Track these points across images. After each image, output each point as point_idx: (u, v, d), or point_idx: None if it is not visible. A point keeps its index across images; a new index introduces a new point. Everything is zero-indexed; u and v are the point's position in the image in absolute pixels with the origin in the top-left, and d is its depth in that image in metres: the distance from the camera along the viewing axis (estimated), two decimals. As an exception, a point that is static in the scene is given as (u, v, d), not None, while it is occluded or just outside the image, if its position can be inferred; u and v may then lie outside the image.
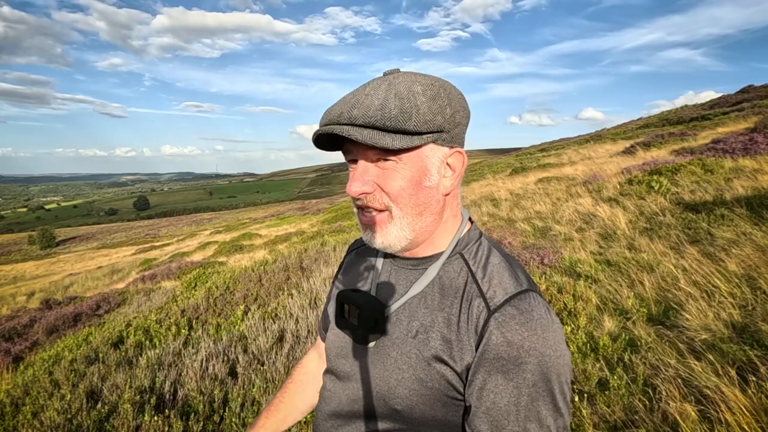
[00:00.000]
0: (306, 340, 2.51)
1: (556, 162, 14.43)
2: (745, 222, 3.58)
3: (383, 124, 0.54)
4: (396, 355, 0.61)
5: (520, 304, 0.55)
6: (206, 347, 2.55)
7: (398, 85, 0.56)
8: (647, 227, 4.41)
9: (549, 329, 0.54)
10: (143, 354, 2.69)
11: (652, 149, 10.99)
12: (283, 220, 22.34)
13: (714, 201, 4.57)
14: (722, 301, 2.39)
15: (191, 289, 4.96)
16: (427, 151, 0.58)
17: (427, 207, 0.60)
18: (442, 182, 0.60)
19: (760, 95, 18.20)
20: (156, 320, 3.56)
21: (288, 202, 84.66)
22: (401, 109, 0.54)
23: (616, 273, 3.32)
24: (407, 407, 0.59)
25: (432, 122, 0.55)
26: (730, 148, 7.27)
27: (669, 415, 1.57)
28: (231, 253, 11.10)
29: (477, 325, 0.56)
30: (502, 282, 0.58)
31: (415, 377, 0.59)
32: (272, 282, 4.06)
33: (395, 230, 0.60)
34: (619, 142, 16.02)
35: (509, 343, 0.53)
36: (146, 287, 8.40)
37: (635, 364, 1.97)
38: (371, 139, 0.54)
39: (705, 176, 5.78)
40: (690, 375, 1.78)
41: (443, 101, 0.57)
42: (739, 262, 2.86)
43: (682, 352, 1.98)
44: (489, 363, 0.54)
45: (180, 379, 2.18)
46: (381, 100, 0.54)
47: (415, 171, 0.58)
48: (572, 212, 6.15)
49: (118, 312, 6.08)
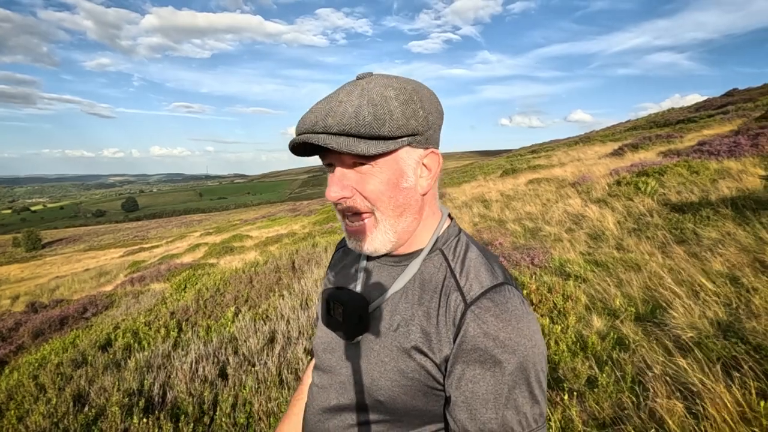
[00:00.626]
0: (297, 341, 2.50)
1: (546, 163, 14.57)
2: (729, 222, 3.65)
3: (358, 131, 0.55)
4: (378, 348, 0.64)
5: (495, 297, 0.57)
6: (196, 349, 2.53)
7: (371, 91, 0.57)
8: (635, 228, 4.47)
9: (524, 320, 0.56)
10: (132, 357, 2.66)
11: (639, 151, 11.15)
12: (275, 222, 22.22)
13: (700, 202, 4.65)
14: (708, 300, 2.44)
15: (181, 290, 4.91)
16: (403, 154, 0.60)
17: (406, 208, 0.62)
18: (419, 183, 0.62)
19: (744, 98, 18.57)
20: (145, 322, 3.52)
21: (279, 204, 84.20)
22: (375, 116, 0.55)
23: (605, 273, 3.36)
24: (390, 398, 0.61)
25: (406, 126, 0.57)
26: (716, 150, 7.41)
27: (656, 411, 1.60)
28: (221, 255, 11.01)
29: (455, 318, 0.58)
30: (478, 276, 0.60)
31: (396, 369, 0.61)
32: (263, 283, 4.04)
33: (380, 235, 0.62)
34: (607, 143, 16.23)
35: (486, 334, 0.55)
36: (135, 289, 8.29)
37: (623, 362, 2.00)
38: (347, 146, 0.55)
39: (691, 177, 5.88)
40: (677, 372, 1.81)
41: (416, 104, 0.58)
42: (724, 261, 2.92)
43: (669, 350, 2.02)
44: (466, 354, 0.56)
45: (169, 382, 2.16)
46: (354, 107, 0.56)
47: (391, 173, 0.59)
48: (562, 213, 6.21)
49: (105, 315, 5.99)
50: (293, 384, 1.98)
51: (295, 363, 2.16)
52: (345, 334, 0.66)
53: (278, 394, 1.91)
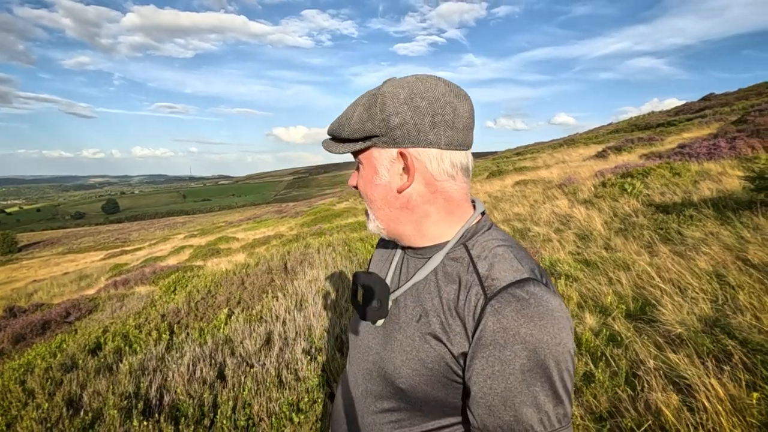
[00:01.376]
0: (295, 342, 2.50)
1: (532, 165, 14.79)
2: (712, 222, 3.77)
3: (333, 134, 0.69)
4: (401, 337, 0.66)
5: (517, 292, 0.56)
6: (191, 351, 2.50)
7: (358, 99, 0.67)
8: (621, 228, 4.58)
9: (547, 316, 0.55)
10: (124, 360, 2.61)
11: (622, 153, 11.42)
12: (261, 224, 22.00)
13: (683, 202, 4.80)
14: (695, 297, 2.52)
15: (170, 293, 4.83)
16: (375, 153, 0.66)
17: (384, 203, 0.68)
18: (395, 181, 0.65)
19: (721, 103, 19.17)
20: (135, 325, 3.45)
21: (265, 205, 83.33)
22: (339, 123, 0.67)
23: (595, 272, 3.44)
24: (410, 386, 0.63)
25: (361, 130, 0.64)
26: (696, 153, 7.64)
27: (652, 404, 1.65)
28: (208, 257, 10.86)
29: (474, 312, 0.58)
30: (501, 270, 0.60)
31: (417, 358, 0.62)
32: (255, 285, 4.01)
33: (371, 222, 0.72)
34: (591, 146, 16.56)
35: (505, 329, 0.54)
36: (119, 293, 8.11)
37: (618, 357, 2.05)
38: (328, 147, 0.70)
39: (673, 179, 6.05)
40: (669, 366, 1.87)
41: (375, 109, 0.63)
42: (708, 259, 3.01)
43: (660, 345, 2.08)
44: (485, 349, 0.56)
45: (166, 384, 2.13)
46: (339, 116, 0.68)
47: (369, 171, 0.68)
48: (549, 214, 6.32)
49: (90, 318, 5.86)
50: (293, 384, 1.97)
51: (294, 364, 2.16)
52: (365, 315, 0.70)
53: (279, 395, 1.91)
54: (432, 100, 0.62)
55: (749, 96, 18.73)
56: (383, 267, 0.80)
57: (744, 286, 2.48)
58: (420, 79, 0.64)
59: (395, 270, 0.75)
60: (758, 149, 6.53)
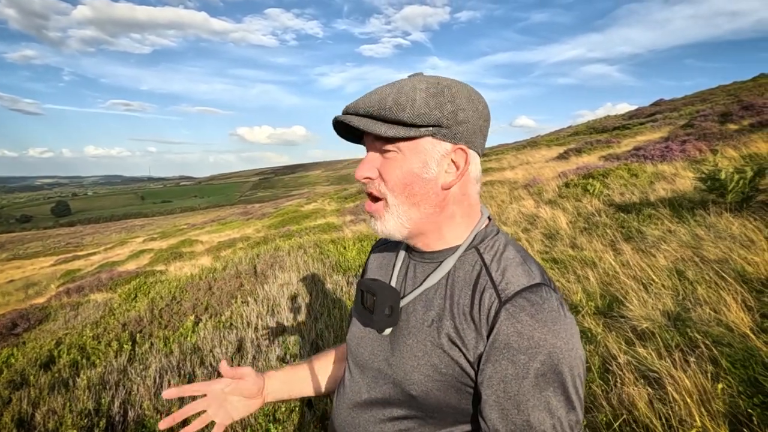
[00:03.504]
0: (268, 349, 2.41)
1: (498, 167, 15.16)
2: (669, 221, 3.98)
3: (379, 114, 0.60)
4: (412, 342, 0.64)
5: (531, 297, 0.56)
6: (157, 362, 2.36)
7: (407, 83, 0.61)
8: (586, 227, 4.75)
9: (560, 322, 0.55)
10: (82, 374, 2.43)
11: (583, 155, 11.90)
12: (226, 226, 21.36)
13: (641, 202, 5.04)
14: (658, 292, 2.64)
15: (131, 300, 4.58)
16: (426, 144, 0.61)
17: (423, 198, 0.63)
18: (442, 176, 0.63)
19: (670, 108, 20.40)
20: (93, 336, 3.24)
21: (229, 207, 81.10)
22: (396, 101, 0.59)
23: (563, 270, 3.54)
24: (422, 393, 0.61)
25: (427, 116, 0.59)
26: (650, 155, 8.07)
27: (625, 398, 1.70)
28: (170, 261, 10.42)
29: (488, 316, 0.58)
30: (515, 275, 0.60)
31: (430, 364, 0.61)
32: (224, 290, 3.86)
33: (392, 219, 0.64)
34: (553, 148, 17.17)
35: (519, 333, 0.54)
36: (72, 301, 7.63)
37: (590, 353, 2.11)
38: (365, 125, 0.60)
39: (631, 180, 6.35)
40: (639, 361, 1.94)
41: (444, 98, 0.60)
42: (668, 256, 3.17)
43: (630, 341, 2.15)
44: (499, 352, 0.55)
45: (130, 399, 2.00)
46: (383, 95, 0.60)
47: (413, 162, 0.62)
48: (517, 214, 6.48)
49: (40, 329, 5.47)
50: (269, 393, 1.90)
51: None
52: (374, 324, 0.66)
53: (254, 404, 1.83)
54: (485, 106, 0.64)
55: (695, 102, 20.04)
56: (385, 272, 0.76)
57: (701, 281, 2.62)
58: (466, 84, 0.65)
59: (399, 275, 0.72)
60: (705, 152, 6.97)
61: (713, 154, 6.61)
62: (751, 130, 8.22)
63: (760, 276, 2.52)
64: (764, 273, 2.53)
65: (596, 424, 1.66)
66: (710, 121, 10.58)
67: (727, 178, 3.83)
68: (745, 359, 1.78)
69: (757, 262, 2.62)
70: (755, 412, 1.49)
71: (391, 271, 0.75)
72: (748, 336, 1.93)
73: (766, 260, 2.64)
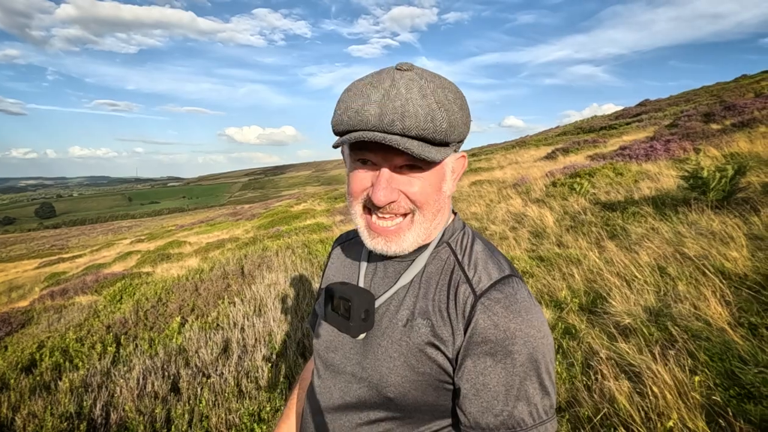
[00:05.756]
0: (254, 349, 2.40)
1: (487, 166, 15.25)
2: (652, 218, 4.04)
3: (433, 136, 0.55)
4: (386, 344, 0.62)
5: (504, 289, 0.58)
6: (141, 363, 2.34)
7: (434, 92, 0.55)
8: (572, 225, 4.81)
9: (532, 311, 0.57)
10: (64, 377, 2.40)
11: (570, 154, 12.03)
12: (214, 227, 21.15)
13: (626, 200, 5.12)
14: (640, 289, 2.68)
15: (116, 302, 4.51)
16: (448, 159, 0.61)
17: (441, 209, 0.63)
18: (449, 184, 0.64)
19: (655, 108, 20.73)
20: (76, 338, 3.19)
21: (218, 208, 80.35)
22: (449, 122, 0.55)
23: (549, 268, 3.58)
24: (400, 394, 0.60)
25: (464, 133, 0.59)
26: (635, 154, 8.19)
27: (606, 392, 1.73)
28: (158, 263, 10.29)
29: (464, 310, 0.58)
30: (486, 268, 0.61)
31: (406, 364, 0.60)
32: (210, 291, 3.83)
33: (412, 236, 0.62)
34: (541, 147, 17.34)
35: (496, 326, 0.55)
36: (56, 304, 7.50)
37: (573, 349, 2.14)
38: (422, 152, 0.54)
39: (617, 179, 6.44)
40: (620, 356, 1.97)
41: (467, 111, 0.60)
42: (651, 253, 3.23)
43: (612, 336, 2.19)
44: (477, 346, 0.56)
45: (113, 401, 1.97)
46: (426, 110, 0.54)
47: (438, 177, 0.61)
48: (505, 213, 6.53)
49: (23, 333, 5.36)
50: (254, 394, 1.89)
51: (254, 372, 2.07)
52: (350, 330, 0.63)
53: (239, 405, 1.82)
54: None
55: (679, 102, 20.39)
56: (350, 272, 0.74)
57: (682, 277, 2.67)
58: None
59: (366, 275, 0.70)
60: (689, 151, 7.10)
61: (696, 153, 6.74)
62: (733, 129, 8.39)
63: (738, 271, 2.58)
64: (742, 268, 2.59)
65: (578, 418, 1.68)
66: (694, 121, 10.78)
67: (709, 177, 3.90)
68: (722, 353, 1.82)
69: (735, 258, 2.68)
70: (731, 404, 1.52)
71: (357, 271, 0.72)
72: (726, 330, 1.97)
73: (745, 256, 2.70)
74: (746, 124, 8.44)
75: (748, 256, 2.69)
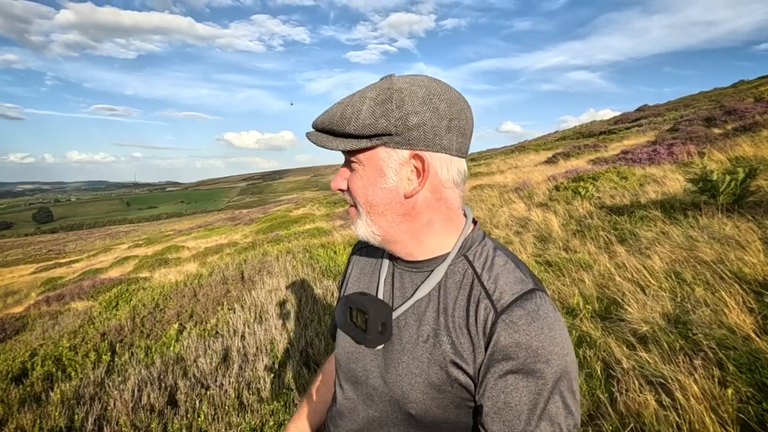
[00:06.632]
0: (255, 358, 2.29)
1: (487, 171, 15.20)
2: (662, 222, 3.96)
3: (330, 128, 0.60)
4: (408, 359, 0.62)
5: (526, 305, 0.56)
6: (136, 374, 2.23)
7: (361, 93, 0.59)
8: (578, 229, 4.72)
9: (556, 328, 0.55)
10: (56, 387, 2.28)
11: (571, 159, 11.98)
12: (213, 231, 21.01)
13: (632, 204, 5.04)
14: (655, 294, 2.59)
15: (112, 308, 4.40)
16: (382, 154, 0.60)
17: (387, 208, 0.61)
18: (403, 185, 0.60)
19: (654, 113, 20.76)
20: (69, 346, 3.07)
21: (217, 213, 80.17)
22: (342, 115, 0.58)
23: (558, 273, 3.49)
24: (421, 411, 0.60)
25: (373, 126, 0.57)
26: (638, 158, 8.13)
27: (631, 405, 1.63)
28: (155, 268, 10.17)
29: (485, 327, 0.57)
30: (508, 283, 0.59)
31: (428, 381, 0.59)
32: (209, 297, 3.72)
33: (363, 225, 0.64)
34: (541, 152, 17.31)
35: (518, 344, 0.54)
36: (52, 310, 7.37)
37: (590, 359, 2.04)
38: (321, 141, 0.61)
39: (621, 183, 6.37)
40: (641, 366, 1.88)
41: (392, 104, 0.57)
42: (663, 257, 3.14)
43: (631, 344, 2.09)
44: (499, 364, 0.55)
45: (106, 414, 1.86)
46: (335, 108, 0.60)
47: (371, 172, 0.60)
48: (508, 217, 6.45)
49: (16, 340, 5.23)
50: (256, 407, 1.79)
51: (256, 383, 1.97)
52: (367, 342, 0.63)
53: (240, 419, 1.72)
54: (450, 103, 0.59)
55: (678, 107, 20.43)
56: (370, 282, 0.73)
57: (699, 282, 2.58)
58: (432, 80, 0.61)
59: (386, 285, 0.69)
60: (693, 155, 7.04)
61: (701, 156, 6.68)
62: (735, 133, 8.34)
63: (757, 277, 2.49)
64: (761, 274, 2.50)
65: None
66: (695, 126, 10.75)
67: (719, 180, 3.83)
68: (750, 363, 1.72)
69: (753, 263, 2.59)
70: (766, 418, 1.43)
71: (377, 280, 0.71)
72: (752, 338, 1.88)
73: (762, 261, 2.61)
74: (749, 129, 8.40)
75: (766, 261, 2.60)
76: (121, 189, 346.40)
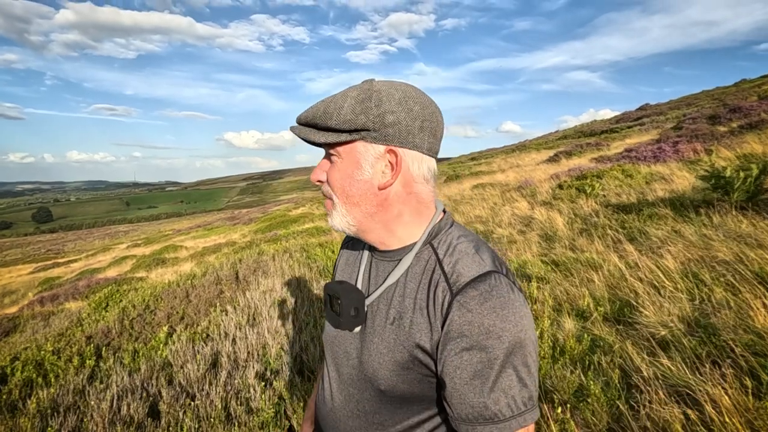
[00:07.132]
0: (246, 364, 2.15)
1: (488, 170, 15.06)
2: (673, 220, 3.81)
3: (314, 122, 0.65)
4: (378, 341, 0.67)
5: (480, 285, 0.59)
6: (119, 381, 2.08)
7: (344, 92, 0.64)
8: (584, 228, 4.57)
9: (509, 306, 0.58)
10: (33, 396, 2.13)
11: (573, 157, 11.83)
12: (211, 231, 20.86)
13: (639, 202, 4.89)
14: (672, 296, 2.44)
15: (101, 309, 4.25)
16: (360, 148, 0.64)
17: (362, 198, 0.66)
18: (378, 178, 0.65)
19: (656, 112, 20.62)
20: (53, 350, 2.92)
21: (216, 212, 79.98)
22: (325, 110, 0.63)
23: (566, 273, 3.34)
24: (390, 387, 0.65)
25: (353, 121, 0.62)
26: (642, 156, 7.98)
27: (656, 417, 1.48)
28: (152, 268, 10.02)
29: (442, 308, 0.61)
30: (465, 266, 0.62)
31: (393, 360, 0.64)
32: (202, 298, 3.57)
33: (338, 216, 0.68)
34: (542, 151, 17.15)
35: (470, 322, 0.57)
36: (45, 310, 7.23)
37: (607, 365, 1.89)
38: (303, 134, 0.66)
39: (626, 181, 6.22)
40: (664, 374, 1.73)
41: (370, 103, 0.62)
42: (677, 257, 2.99)
43: (651, 350, 1.94)
44: (454, 342, 0.59)
45: (81, 427, 1.71)
46: (318, 105, 0.65)
47: (348, 165, 0.65)
48: (511, 216, 6.30)
49: (5, 342, 5.09)
50: (244, 419, 1.64)
51: (245, 391, 1.82)
52: (341, 325, 0.69)
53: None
54: (423, 106, 0.65)
55: (680, 106, 20.28)
56: (352, 272, 0.79)
57: (718, 283, 2.43)
58: (409, 85, 0.66)
59: (364, 274, 0.74)
60: (700, 152, 6.89)
61: (708, 154, 6.53)
62: (741, 131, 8.20)
63: (781, 277, 2.34)
64: (785, 274, 2.35)
65: (623, 450, 1.43)
66: (699, 123, 10.59)
67: (732, 176, 3.68)
68: (785, 371, 1.58)
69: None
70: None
71: (357, 270, 0.77)
72: (783, 344, 1.73)
73: (785, 261, 2.46)
74: (755, 126, 8.25)
75: (789, 261, 2.45)
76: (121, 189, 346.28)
